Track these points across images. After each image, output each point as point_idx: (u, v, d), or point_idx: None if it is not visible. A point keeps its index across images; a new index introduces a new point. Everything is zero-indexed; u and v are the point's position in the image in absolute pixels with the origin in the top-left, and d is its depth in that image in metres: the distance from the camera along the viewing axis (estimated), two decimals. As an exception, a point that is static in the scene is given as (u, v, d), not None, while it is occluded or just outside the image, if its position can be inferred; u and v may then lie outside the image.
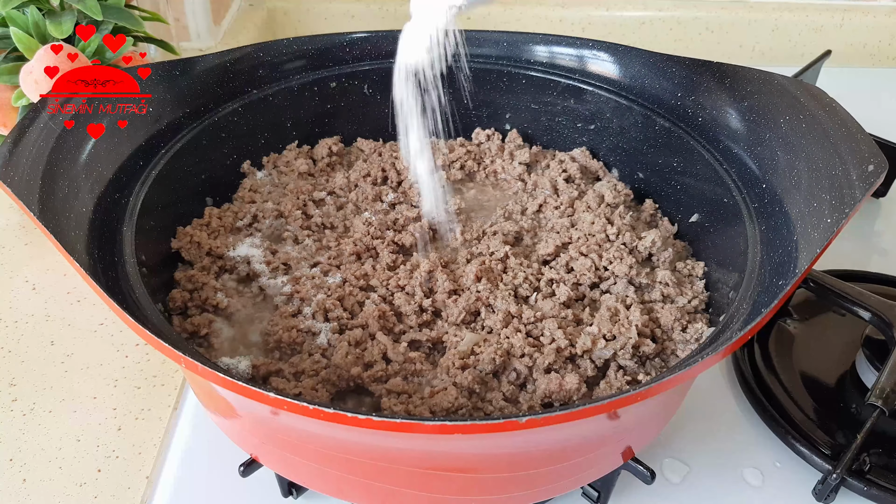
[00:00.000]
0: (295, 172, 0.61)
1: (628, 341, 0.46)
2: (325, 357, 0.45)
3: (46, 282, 0.66)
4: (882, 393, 0.50)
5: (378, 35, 0.64)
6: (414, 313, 0.48)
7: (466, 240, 0.56)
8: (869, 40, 1.13)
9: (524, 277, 0.51)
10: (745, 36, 1.11)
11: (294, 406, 0.31)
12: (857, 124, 0.45)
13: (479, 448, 0.38)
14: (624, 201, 0.59)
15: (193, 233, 0.53)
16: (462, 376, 0.43)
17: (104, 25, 0.64)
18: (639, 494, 0.50)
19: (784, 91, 0.51)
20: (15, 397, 0.56)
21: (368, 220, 0.56)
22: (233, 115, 0.58)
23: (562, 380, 0.43)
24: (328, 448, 0.39)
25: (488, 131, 0.67)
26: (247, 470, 0.47)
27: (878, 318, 0.55)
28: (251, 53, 0.60)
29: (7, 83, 0.63)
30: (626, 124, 0.60)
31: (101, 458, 0.52)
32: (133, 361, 0.59)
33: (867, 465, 0.50)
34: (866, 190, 0.41)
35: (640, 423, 0.43)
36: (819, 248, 0.39)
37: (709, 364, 0.35)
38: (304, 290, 0.50)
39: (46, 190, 0.41)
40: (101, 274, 0.40)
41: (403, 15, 0.48)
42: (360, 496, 0.44)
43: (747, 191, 0.50)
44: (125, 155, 0.50)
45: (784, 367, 0.58)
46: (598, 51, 0.61)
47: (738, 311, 0.41)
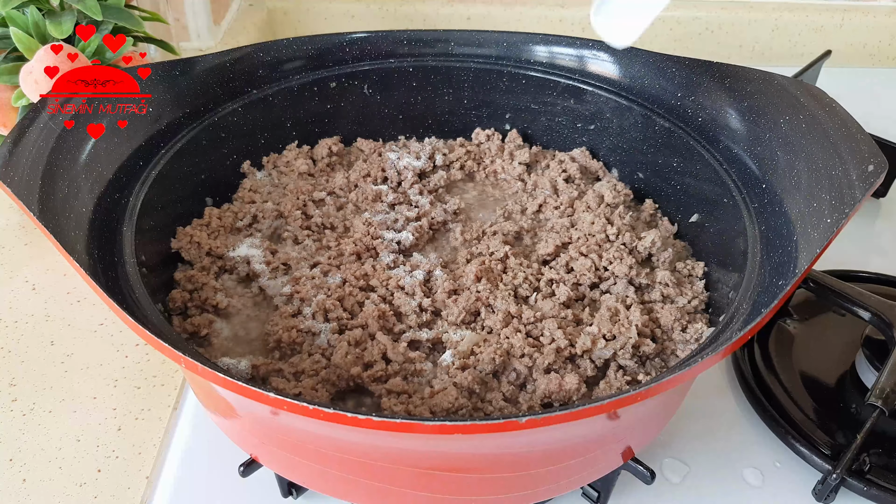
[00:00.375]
0: (295, 172, 0.61)
1: (628, 341, 0.46)
2: (325, 357, 0.45)
3: (46, 282, 0.66)
4: (882, 393, 0.50)
5: (378, 35, 0.64)
6: (414, 313, 0.48)
7: (466, 240, 0.56)
8: (869, 40, 1.13)
9: (524, 277, 0.51)
10: (745, 36, 1.11)
11: (294, 406, 0.31)
12: (857, 124, 0.45)
13: (478, 448, 0.38)
14: (624, 201, 0.59)
15: (193, 233, 0.53)
16: (462, 376, 0.43)
17: (104, 25, 0.64)
18: (639, 494, 0.50)
19: (784, 91, 0.51)
20: (15, 397, 0.56)
21: (368, 220, 0.56)
22: (233, 115, 0.58)
23: (562, 380, 0.43)
24: (328, 448, 0.39)
25: (488, 131, 0.67)
26: (247, 470, 0.47)
27: (878, 318, 0.55)
28: (251, 53, 0.60)
29: (7, 83, 0.63)
30: (626, 124, 0.60)
31: (101, 458, 0.52)
32: (133, 361, 0.59)
33: (867, 465, 0.50)
34: (866, 190, 0.41)
35: (640, 423, 0.43)
36: (819, 248, 0.39)
37: (709, 364, 0.35)
38: (304, 291, 0.50)
39: (46, 190, 0.41)
40: (101, 274, 0.40)
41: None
42: (359, 496, 0.44)
43: (747, 191, 0.50)
44: (125, 155, 0.50)
45: (784, 367, 0.58)
46: (598, 51, 0.61)
47: (738, 311, 0.41)
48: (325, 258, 0.53)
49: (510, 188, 0.63)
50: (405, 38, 0.64)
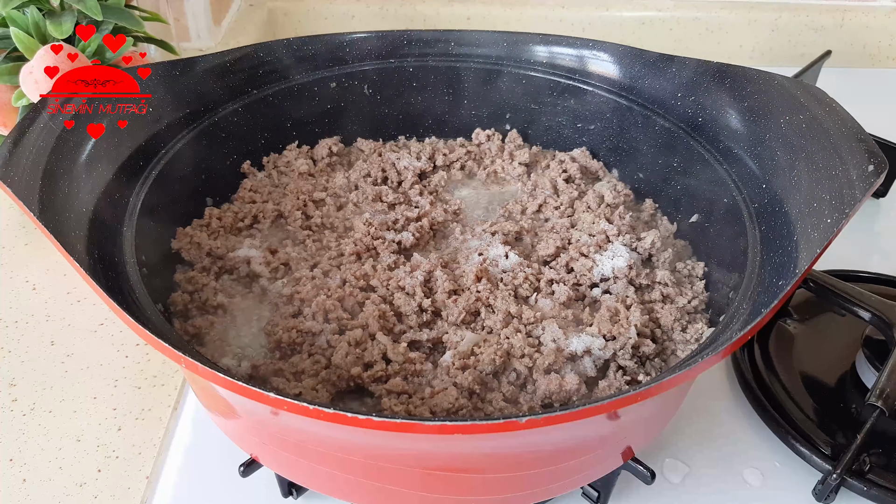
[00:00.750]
0: (295, 172, 0.61)
1: (628, 341, 0.46)
2: (325, 357, 0.45)
3: (46, 282, 0.66)
4: (882, 393, 0.50)
5: (378, 35, 0.64)
6: (414, 313, 0.48)
7: (466, 240, 0.56)
8: (869, 40, 1.13)
9: (524, 277, 0.51)
10: (745, 36, 1.11)
11: (294, 406, 0.31)
12: (857, 124, 0.45)
13: (479, 448, 0.38)
14: (624, 201, 0.59)
15: (193, 233, 0.53)
16: (462, 377, 0.43)
17: (104, 25, 0.64)
18: (639, 494, 0.50)
19: (784, 91, 0.51)
20: (15, 397, 0.56)
21: (368, 220, 0.56)
22: (233, 115, 0.58)
23: (562, 380, 0.43)
24: (328, 448, 0.39)
25: (488, 131, 0.67)
26: (247, 470, 0.47)
27: (878, 318, 0.55)
28: (251, 53, 0.60)
29: (7, 83, 0.63)
30: (626, 124, 0.60)
31: (101, 458, 0.52)
32: (133, 361, 0.59)
33: (867, 465, 0.50)
34: (866, 190, 0.41)
35: (640, 423, 0.43)
36: (819, 248, 0.39)
37: (709, 364, 0.35)
38: (305, 291, 0.50)
39: (46, 190, 0.41)
40: (101, 274, 0.40)
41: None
42: (360, 496, 0.44)
43: (747, 191, 0.50)
44: (125, 155, 0.50)
45: (784, 367, 0.58)
46: (598, 51, 0.61)
47: (738, 311, 0.41)
48: (325, 258, 0.53)
49: (510, 188, 0.63)
50: (405, 38, 0.64)
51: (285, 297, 0.50)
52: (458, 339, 0.46)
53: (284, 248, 0.55)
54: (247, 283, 0.52)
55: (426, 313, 0.49)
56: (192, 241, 0.53)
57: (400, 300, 0.49)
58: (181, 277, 0.50)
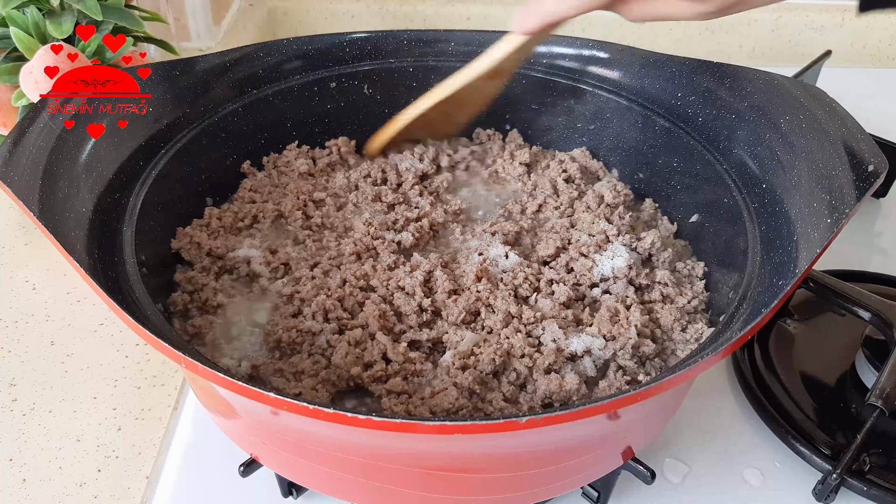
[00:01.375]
0: (295, 172, 0.61)
1: (628, 341, 0.46)
2: (325, 357, 0.45)
3: (46, 282, 0.66)
4: (882, 393, 0.50)
5: (378, 35, 0.64)
6: (414, 313, 0.48)
7: (466, 240, 0.56)
8: (869, 40, 1.13)
9: (524, 277, 0.51)
10: (745, 36, 1.11)
11: (294, 406, 0.31)
12: (857, 124, 0.45)
13: (479, 448, 0.38)
14: (624, 201, 0.59)
15: (193, 233, 0.53)
16: (462, 377, 0.43)
17: (104, 25, 0.64)
18: (639, 494, 0.50)
19: (784, 91, 0.51)
20: (15, 397, 0.56)
21: (368, 220, 0.56)
22: (233, 115, 0.58)
23: (562, 380, 0.43)
24: (328, 448, 0.39)
25: (489, 131, 0.67)
26: (247, 470, 0.47)
27: (878, 318, 0.55)
28: (251, 53, 0.60)
29: (7, 83, 0.63)
30: (626, 124, 0.60)
31: (101, 458, 0.52)
32: (133, 361, 0.59)
33: (867, 465, 0.50)
34: (866, 190, 0.41)
35: (640, 423, 0.43)
36: (819, 248, 0.39)
37: (709, 364, 0.35)
38: (305, 291, 0.50)
39: (46, 190, 0.41)
40: (101, 274, 0.40)
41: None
42: (360, 496, 0.44)
43: (747, 191, 0.50)
44: (125, 155, 0.50)
45: (784, 367, 0.58)
46: (598, 51, 0.61)
47: (738, 311, 0.41)
48: (325, 258, 0.53)
49: (510, 188, 0.63)
50: (405, 38, 0.64)
51: (285, 296, 0.50)
52: (458, 339, 0.46)
53: (284, 248, 0.55)
54: (247, 283, 0.52)
55: (426, 313, 0.49)
56: (192, 241, 0.53)
57: (400, 300, 0.49)
58: (181, 277, 0.50)
